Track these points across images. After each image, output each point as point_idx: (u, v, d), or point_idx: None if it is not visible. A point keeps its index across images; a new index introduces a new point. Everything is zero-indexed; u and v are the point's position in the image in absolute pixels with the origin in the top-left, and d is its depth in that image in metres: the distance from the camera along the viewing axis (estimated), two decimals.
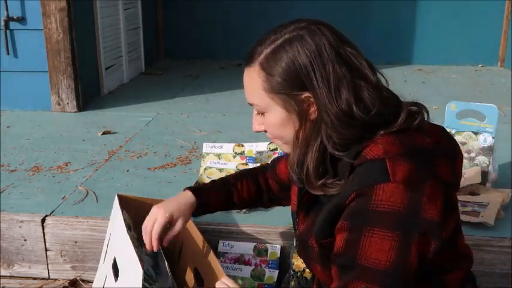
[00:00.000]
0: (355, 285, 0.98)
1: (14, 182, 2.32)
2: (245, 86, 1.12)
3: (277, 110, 1.07)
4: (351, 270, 0.99)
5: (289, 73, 1.03)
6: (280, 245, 1.85)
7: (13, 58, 3.40)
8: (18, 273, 2.02)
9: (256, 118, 1.13)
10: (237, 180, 1.48)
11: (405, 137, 1.01)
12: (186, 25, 5.38)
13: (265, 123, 1.11)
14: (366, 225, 0.96)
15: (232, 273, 1.81)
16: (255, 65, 1.08)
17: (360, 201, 0.97)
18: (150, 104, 3.70)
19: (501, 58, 4.95)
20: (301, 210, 1.18)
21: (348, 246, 0.99)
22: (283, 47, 1.04)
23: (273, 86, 1.05)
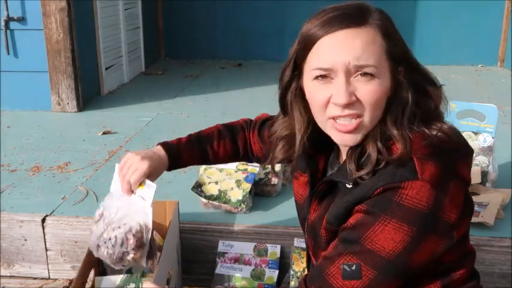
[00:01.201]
0: (348, 258, 1.01)
1: (14, 182, 2.32)
2: (354, 45, 0.98)
3: (387, 76, 1.01)
4: (351, 244, 1.01)
5: (398, 42, 1.02)
6: (280, 245, 1.85)
7: (13, 58, 3.40)
8: (19, 273, 2.02)
9: (348, 87, 0.99)
10: (214, 141, 1.46)
11: (432, 136, 1.01)
12: (186, 25, 5.38)
13: (367, 91, 0.99)
14: (385, 213, 0.97)
15: (232, 273, 1.81)
16: (372, 24, 1.00)
17: (386, 193, 0.98)
18: (150, 104, 3.70)
19: (501, 58, 4.95)
20: (315, 199, 1.17)
21: (359, 225, 1.00)
22: (385, 15, 1.04)
23: (390, 49, 1.01)
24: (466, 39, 4.99)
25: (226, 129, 1.48)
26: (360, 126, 1.02)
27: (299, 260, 1.77)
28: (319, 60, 1.01)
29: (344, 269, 1.01)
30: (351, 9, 1.02)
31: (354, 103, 1.00)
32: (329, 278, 1.03)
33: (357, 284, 1.00)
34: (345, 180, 1.05)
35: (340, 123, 1.02)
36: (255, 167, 2.07)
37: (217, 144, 1.46)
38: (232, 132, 1.48)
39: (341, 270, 1.01)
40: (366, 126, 1.03)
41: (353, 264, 1.00)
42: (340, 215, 1.05)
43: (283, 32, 5.18)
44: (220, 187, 2.00)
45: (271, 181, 2.10)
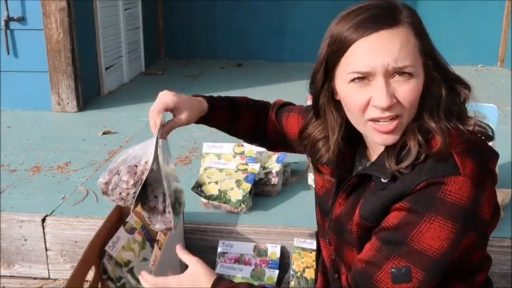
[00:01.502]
0: (396, 261, 0.99)
1: (14, 182, 2.32)
2: (392, 47, 0.97)
3: (422, 74, 1.01)
4: (396, 247, 0.99)
5: (427, 38, 1.02)
6: (280, 245, 1.85)
7: (13, 58, 3.40)
8: (19, 273, 2.02)
9: (389, 90, 0.98)
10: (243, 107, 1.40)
11: (467, 133, 1.02)
12: (186, 25, 5.39)
13: (406, 91, 0.99)
14: (430, 211, 0.96)
15: (232, 273, 1.81)
16: (405, 24, 0.99)
17: (428, 189, 0.97)
18: (150, 104, 3.64)
19: (501, 58, 4.96)
20: (342, 193, 1.14)
21: (403, 224, 0.99)
22: (413, 11, 1.03)
23: (424, 49, 1.01)
24: (466, 39, 4.99)
25: (254, 102, 1.44)
26: (398, 126, 1.02)
27: (299, 260, 1.78)
28: (356, 64, 0.99)
29: (393, 273, 0.99)
30: (380, 9, 1.00)
31: (394, 105, 1.00)
32: (379, 284, 1.00)
33: (407, 286, 0.99)
34: (381, 175, 1.03)
35: (380, 125, 1.01)
36: (255, 166, 2.07)
37: (244, 112, 1.39)
38: (260, 106, 1.44)
39: (390, 275, 0.99)
40: (404, 125, 1.02)
41: (402, 268, 0.98)
42: (376, 211, 1.03)
43: (283, 32, 5.19)
44: (220, 187, 2.00)
45: (271, 181, 2.09)
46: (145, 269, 1.70)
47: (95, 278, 1.61)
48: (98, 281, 1.63)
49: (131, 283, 1.65)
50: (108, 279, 1.65)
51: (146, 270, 1.33)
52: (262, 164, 2.16)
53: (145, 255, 1.73)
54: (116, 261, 1.63)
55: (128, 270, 1.65)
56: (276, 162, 2.17)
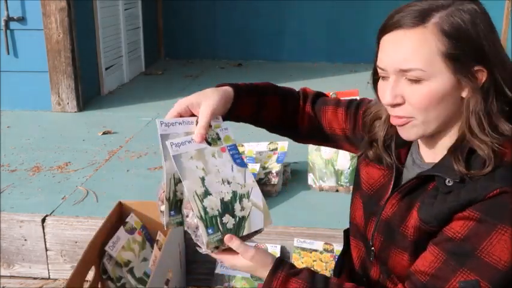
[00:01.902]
0: (465, 275, 0.95)
1: (14, 182, 2.32)
2: (402, 48, 0.96)
3: (446, 79, 0.96)
4: (465, 260, 0.95)
5: (471, 38, 0.95)
6: (280, 245, 1.85)
7: (13, 58, 3.40)
8: (19, 273, 2.02)
9: (396, 88, 0.98)
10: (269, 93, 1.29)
11: None
12: (186, 25, 5.39)
13: (415, 94, 0.97)
14: (502, 222, 0.93)
15: (232, 273, 1.81)
16: (428, 25, 0.95)
17: (501, 198, 0.93)
18: (150, 104, 3.70)
19: None
20: (398, 193, 1.09)
21: (473, 235, 0.95)
22: (460, 10, 0.95)
23: (451, 51, 0.95)
24: None
25: (279, 88, 1.33)
26: (412, 124, 1.00)
27: (299, 260, 1.77)
28: (379, 59, 1.01)
29: (461, 287, 0.95)
30: (415, 9, 0.97)
31: (401, 104, 0.99)
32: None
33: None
34: (448, 177, 0.99)
35: (392, 117, 1.03)
36: (254, 167, 2.07)
37: (271, 98, 1.29)
38: (287, 92, 1.34)
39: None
40: (422, 126, 1.00)
41: (471, 282, 0.94)
42: (440, 216, 0.99)
43: (283, 32, 5.18)
44: None
45: (271, 181, 2.09)
46: (145, 269, 1.70)
47: (95, 278, 1.61)
48: (98, 281, 1.63)
49: (131, 283, 1.65)
50: (108, 279, 1.65)
51: None
52: (262, 164, 2.16)
53: (145, 255, 1.74)
54: (115, 261, 1.63)
55: (128, 270, 1.65)
56: (276, 162, 2.17)
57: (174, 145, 1.09)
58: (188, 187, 1.06)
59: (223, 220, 1.08)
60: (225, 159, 1.13)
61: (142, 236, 1.76)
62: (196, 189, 1.07)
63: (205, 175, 1.09)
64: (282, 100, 1.31)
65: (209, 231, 1.05)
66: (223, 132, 1.15)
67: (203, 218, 1.05)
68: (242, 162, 1.16)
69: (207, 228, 1.04)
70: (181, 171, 1.06)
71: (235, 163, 1.15)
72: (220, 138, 1.14)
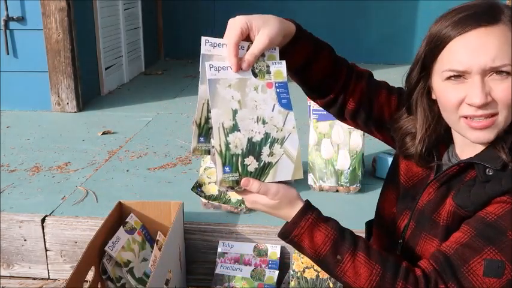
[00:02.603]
0: (492, 254, 0.95)
1: (14, 182, 2.32)
2: (490, 46, 0.96)
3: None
4: (495, 239, 0.95)
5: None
6: (280, 245, 1.85)
7: (13, 58, 3.40)
8: (18, 273, 2.02)
9: (484, 88, 0.97)
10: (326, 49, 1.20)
11: None
12: (186, 25, 5.38)
13: (503, 89, 0.97)
14: None
15: (232, 273, 1.81)
16: (506, 22, 0.97)
17: None
18: (150, 104, 3.70)
19: None
20: (435, 182, 1.10)
21: (505, 217, 0.96)
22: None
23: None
24: None
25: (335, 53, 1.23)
26: (494, 124, 1.00)
27: (299, 260, 1.77)
28: (453, 61, 0.99)
29: (487, 265, 0.95)
30: (482, 7, 0.99)
31: (489, 103, 0.98)
32: (469, 275, 0.97)
33: (496, 282, 0.95)
34: (490, 164, 1.00)
35: (474, 121, 1.00)
36: None
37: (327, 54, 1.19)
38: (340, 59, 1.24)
39: (483, 267, 0.95)
40: (500, 124, 1.00)
41: (497, 261, 0.95)
42: (479, 201, 1.00)
43: None
44: None
45: None
46: (144, 269, 1.70)
47: (95, 278, 1.61)
48: (98, 281, 1.63)
49: (131, 283, 1.65)
50: (108, 280, 1.65)
51: None
52: None
53: (145, 255, 1.73)
54: (115, 261, 1.63)
55: (128, 271, 1.65)
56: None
57: (213, 68, 1.01)
58: (216, 117, 0.97)
59: (245, 161, 0.98)
60: (268, 96, 1.02)
61: (142, 236, 1.76)
62: (224, 121, 0.97)
63: (239, 108, 0.99)
64: (336, 62, 1.21)
65: (226, 169, 0.96)
66: (276, 65, 1.04)
67: (223, 153, 0.97)
68: (288, 103, 1.03)
69: (224, 166, 0.96)
70: (212, 98, 0.97)
71: (279, 103, 1.02)
72: (270, 72, 1.03)
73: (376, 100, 1.24)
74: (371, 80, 1.27)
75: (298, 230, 1.03)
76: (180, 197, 1.90)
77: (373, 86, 1.26)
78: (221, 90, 0.98)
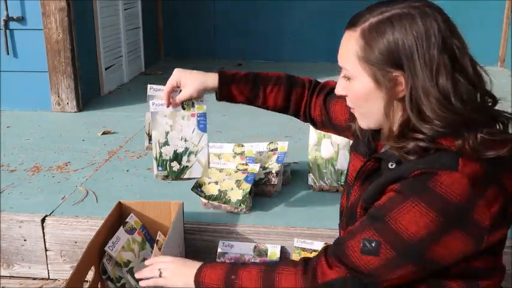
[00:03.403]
0: (370, 234, 1.03)
1: (14, 182, 2.32)
2: (341, 47, 1.10)
3: (366, 80, 1.06)
4: (375, 221, 1.03)
5: (389, 49, 1.01)
6: (280, 245, 1.85)
7: (13, 58, 3.40)
8: (18, 273, 2.02)
9: (342, 82, 1.13)
10: (269, 85, 1.48)
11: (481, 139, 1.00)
12: (186, 25, 5.38)
13: (349, 90, 1.11)
14: (415, 195, 0.99)
15: None
16: (357, 31, 1.06)
17: (421, 176, 0.99)
18: None
19: (501, 58, 4.95)
20: (358, 179, 1.18)
21: (387, 203, 1.03)
22: (390, 21, 1.02)
23: (367, 57, 1.04)
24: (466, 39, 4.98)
25: (287, 79, 1.50)
26: (356, 115, 1.14)
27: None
28: None
29: (364, 243, 1.03)
30: (366, 9, 1.08)
31: (346, 96, 1.13)
32: (348, 250, 1.05)
33: (373, 260, 1.02)
34: (389, 159, 1.07)
35: None
36: (255, 166, 2.06)
37: (271, 89, 1.48)
38: (291, 84, 1.49)
39: (361, 244, 1.03)
40: (362, 118, 1.13)
41: (373, 241, 1.02)
42: (372, 192, 1.08)
43: (283, 32, 5.18)
44: (220, 187, 2.00)
45: (271, 181, 2.09)
46: None
47: (95, 278, 1.61)
48: (98, 281, 1.63)
49: (131, 283, 1.65)
50: (108, 280, 1.64)
51: None
52: (262, 164, 2.15)
53: (145, 255, 1.73)
54: (115, 261, 1.63)
55: (128, 271, 1.65)
56: (276, 162, 2.17)
57: (154, 104, 1.52)
58: (154, 136, 1.53)
59: (172, 164, 1.57)
60: (191, 123, 1.53)
61: (142, 236, 1.76)
62: (160, 139, 1.54)
63: (170, 130, 1.54)
64: (288, 90, 1.48)
65: (159, 168, 1.58)
66: (199, 102, 1.52)
67: (157, 159, 1.56)
68: (204, 128, 1.54)
69: (158, 166, 1.57)
70: (153, 124, 1.52)
71: (197, 127, 1.54)
72: (194, 106, 1.52)
73: (331, 110, 1.44)
74: (331, 93, 1.45)
75: None
76: (180, 197, 1.89)
77: (331, 97, 1.45)
78: (159, 118, 1.52)
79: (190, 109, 1.52)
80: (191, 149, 1.56)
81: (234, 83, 1.46)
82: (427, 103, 0.99)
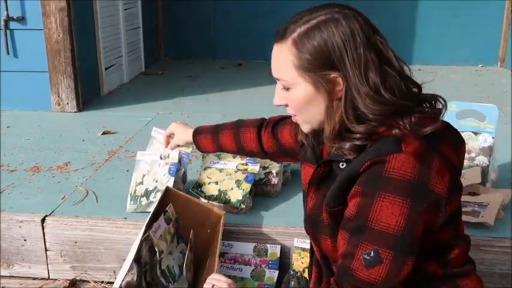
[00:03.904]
0: (365, 247, 1.04)
1: (14, 182, 2.32)
2: (273, 60, 1.15)
3: (305, 86, 1.10)
4: (361, 233, 1.05)
5: (321, 52, 1.06)
6: (280, 245, 1.85)
7: (13, 58, 3.40)
8: (18, 273, 2.02)
9: (280, 92, 1.16)
10: (226, 133, 1.63)
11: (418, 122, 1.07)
12: (186, 25, 5.38)
13: (289, 99, 1.14)
14: (379, 190, 1.02)
15: (232, 273, 1.81)
16: (287, 41, 1.10)
17: (374, 168, 1.03)
18: (150, 104, 3.70)
19: (501, 58, 4.95)
20: (312, 185, 1.21)
21: (360, 210, 1.05)
22: (317, 27, 1.07)
23: (303, 64, 1.08)
24: (466, 39, 4.99)
25: (238, 124, 1.63)
26: (299, 122, 1.18)
27: (299, 260, 1.77)
28: None
29: (364, 258, 1.04)
30: (290, 21, 1.12)
31: (286, 105, 1.17)
32: (355, 273, 1.06)
33: (381, 268, 1.04)
34: (338, 159, 1.12)
35: None
36: (255, 166, 2.07)
37: (223, 135, 1.63)
38: (237, 126, 1.62)
39: (362, 261, 1.05)
40: (305, 123, 1.17)
41: (370, 251, 1.04)
42: (333, 194, 1.11)
43: None
44: (220, 187, 2.00)
45: (271, 181, 2.09)
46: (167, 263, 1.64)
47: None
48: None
49: (156, 272, 1.58)
50: (135, 262, 1.56)
51: None
52: (262, 164, 2.15)
53: (171, 248, 1.67)
54: (150, 246, 1.56)
55: (158, 261, 1.59)
56: (276, 163, 2.17)
57: (141, 154, 2.05)
58: (134, 177, 2.04)
59: (141, 200, 1.98)
60: (164, 169, 1.98)
61: (175, 229, 1.71)
62: (137, 179, 2.02)
63: (146, 174, 2.01)
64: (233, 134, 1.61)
65: (131, 202, 1.99)
66: (173, 153, 1.98)
67: (131, 194, 2.00)
68: (174, 173, 1.96)
69: (130, 200, 1.99)
70: (135, 168, 2.05)
71: (168, 173, 1.96)
72: (169, 156, 1.99)
73: (281, 138, 1.51)
74: (278, 123, 1.53)
75: None
76: None
77: (278, 127, 1.52)
78: (141, 165, 2.04)
79: (166, 159, 1.98)
80: (159, 188, 1.94)
81: (201, 135, 1.68)
82: (360, 99, 1.05)
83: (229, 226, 1.89)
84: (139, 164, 2.03)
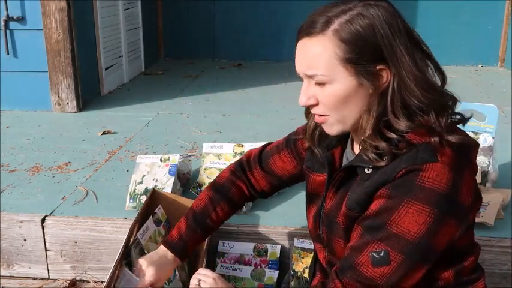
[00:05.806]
0: (376, 245, 1.04)
1: (14, 182, 2.32)
2: (304, 56, 1.06)
3: (346, 80, 1.04)
4: (377, 232, 1.04)
5: (369, 41, 1.01)
6: (280, 245, 1.85)
7: (13, 58, 3.40)
8: (18, 273, 2.02)
9: (309, 91, 1.08)
10: (211, 213, 1.45)
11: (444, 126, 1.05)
12: (186, 25, 5.38)
13: (323, 95, 1.06)
14: (408, 196, 1.01)
15: (232, 273, 1.81)
16: (327, 33, 1.03)
17: (408, 176, 1.01)
18: (150, 104, 3.70)
19: (501, 58, 4.95)
20: (331, 188, 1.19)
21: (383, 210, 1.03)
22: (360, 15, 1.02)
23: (349, 56, 1.02)
24: (466, 39, 4.99)
25: (217, 191, 1.47)
26: (328, 122, 1.10)
27: (299, 260, 1.77)
28: None
29: (373, 256, 1.04)
30: (320, 13, 1.06)
31: (315, 105, 1.09)
32: (359, 267, 1.05)
33: (387, 269, 1.03)
34: (364, 165, 1.08)
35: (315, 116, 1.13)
36: None
37: (216, 213, 1.46)
38: (223, 192, 1.47)
39: (370, 258, 1.04)
40: (338, 123, 1.10)
41: (381, 251, 1.03)
42: (361, 201, 1.08)
43: (283, 32, 5.18)
44: None
45: None
46: None
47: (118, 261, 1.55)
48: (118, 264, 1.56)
49: None
50: (127, 266, 1.57)
51: None
52: None
53: None
54: (140, 249, 1.57)
55: None
56: None
57: (141, 158, 2.16)
58: (133, 177, 2.09)
59: (141, 198, 2.00)
60: (164, 170, 2.06)
61: (166, 230, 1.72)
62: (137, 179, 2.07)
63: (146, 174, 2.07)
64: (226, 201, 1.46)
65: (131, 200, 2.02)
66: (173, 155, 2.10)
67: (131, 193, 2.03)
68: (173, 173, 2.03)
69: (130, 198, 2.02)
70: (135, 170, 2.11)
71: (168, 173, 2.04)
72: (169, 159, 2.08)
73: (276, 169, 1.43)
74: (261, 158, 1.45)
75: None
76: None
77: (265, 162, 1.45)
78: (142, 167, 2.11)
79: (166, 161, 2.07)
80: (159, 186, 1.98)
81: (187, 243, 1.45)
82: (410, 88, 1.02)
83: (229, 226, 1.89)
84: (139, 166, 2.11)
